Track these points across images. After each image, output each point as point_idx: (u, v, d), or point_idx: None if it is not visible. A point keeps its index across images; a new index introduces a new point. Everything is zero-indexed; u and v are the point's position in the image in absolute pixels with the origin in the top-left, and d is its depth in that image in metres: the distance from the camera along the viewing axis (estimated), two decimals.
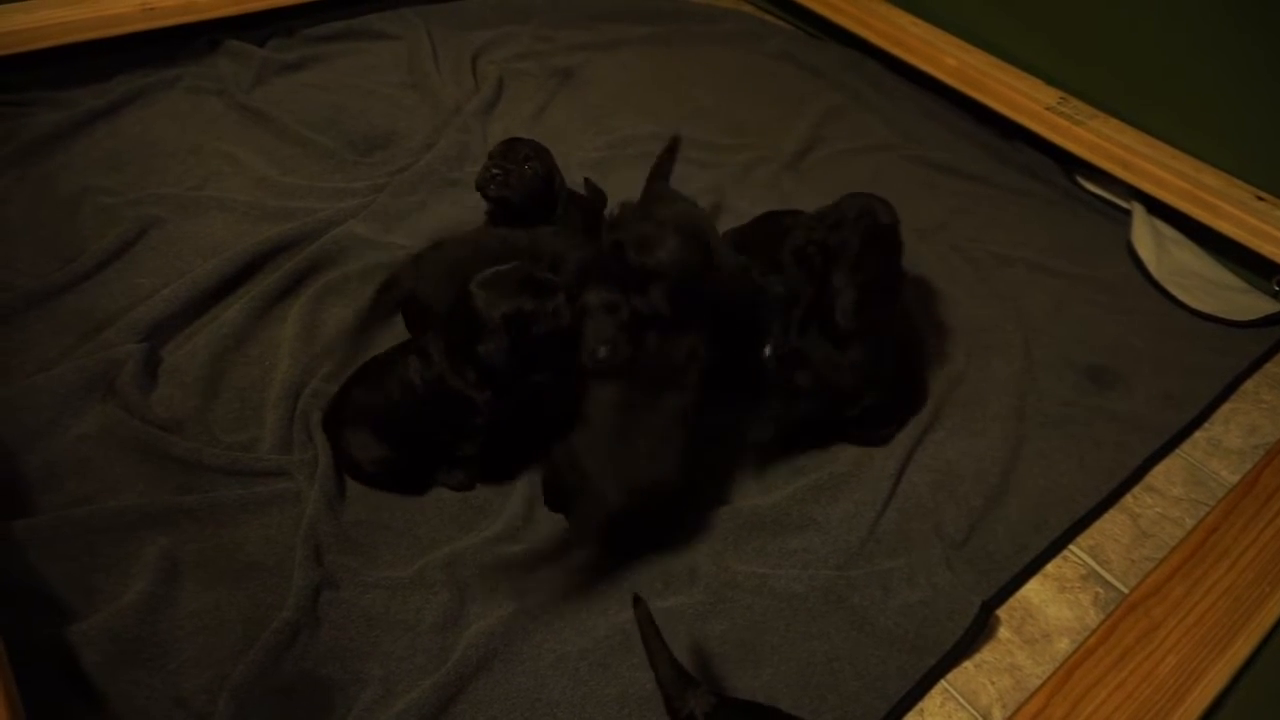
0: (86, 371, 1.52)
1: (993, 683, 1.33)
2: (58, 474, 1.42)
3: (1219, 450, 1.70)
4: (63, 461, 1.43)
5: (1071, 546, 1.51)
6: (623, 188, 2.05)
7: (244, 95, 2.20)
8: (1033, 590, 1.44)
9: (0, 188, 1.87)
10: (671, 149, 1.78)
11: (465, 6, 2.62)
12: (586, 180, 2.02)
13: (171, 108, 2.16)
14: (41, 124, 2.01)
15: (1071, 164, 2.29)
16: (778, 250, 1.56)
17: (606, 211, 1.83)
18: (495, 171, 1.62)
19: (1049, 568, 1.47)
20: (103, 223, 1.82)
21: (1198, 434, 1.72)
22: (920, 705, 1.29)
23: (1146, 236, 2.10)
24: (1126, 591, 1.44)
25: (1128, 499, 1.59)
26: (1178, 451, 1.69)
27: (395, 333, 1.68)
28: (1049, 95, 2.26)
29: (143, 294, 1.68)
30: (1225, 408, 1.78)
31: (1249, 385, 1.83)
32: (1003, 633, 1.39)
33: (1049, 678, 1.32)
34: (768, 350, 1.49)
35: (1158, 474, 1.64)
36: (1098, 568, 1.49)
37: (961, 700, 1.30)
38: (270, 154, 2.06)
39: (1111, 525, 1.55)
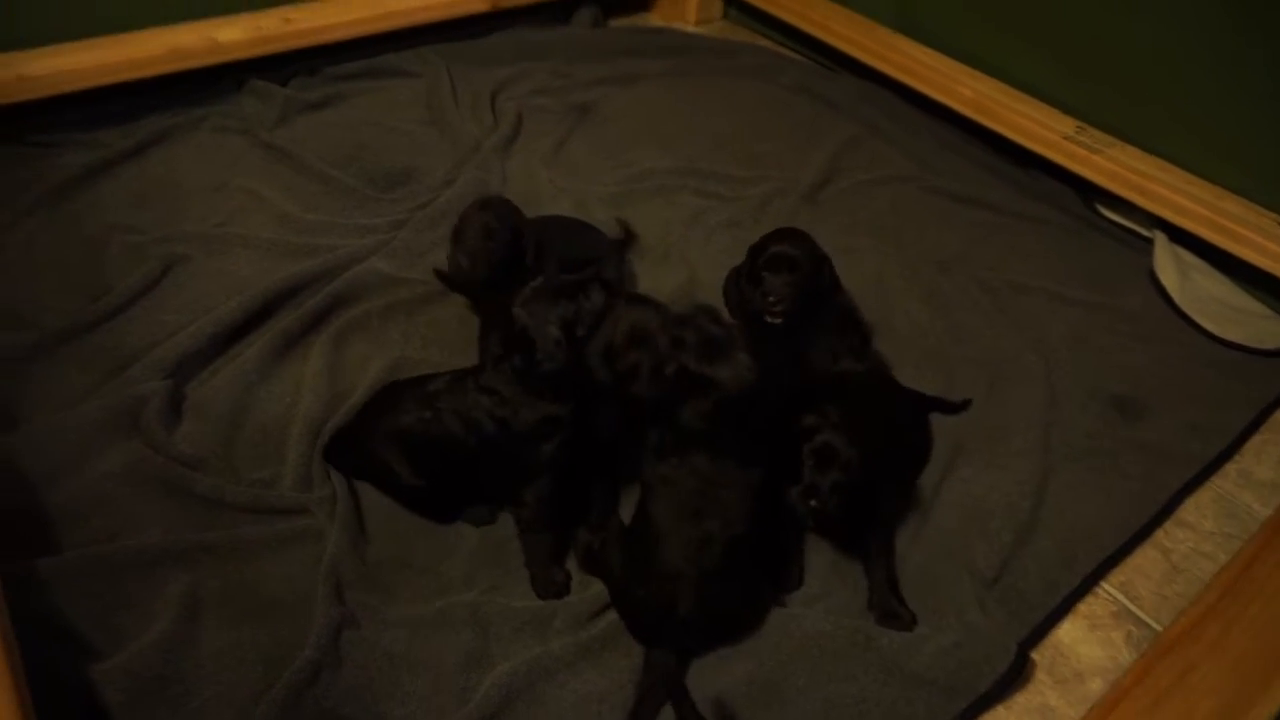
0: (111, 408, 1.54)
1: None
2: (82, 510, 1.42)
3: (1250, 482, 1.67)
4: (87, 498, 1.44)
5: (1102, 583, 1.48)
6: (641, 221, 2.07)
7: (267, 133, 2.23)
8: (1064, 628, 1.42)
9: (30, 227, 1.91)
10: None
11: (484, 44, 2.66)
12: (619, 220, 2.02)
13: (197, 147, 2.20)
14: (70, 164, 2.05)
15: (1090, 192, 2.29)
16: None
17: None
18: (462, 260, 1.63)
19: (1080, 605, 1.44)
20: (129, 261, 1.85)
21: (1228, 466, 1.69)
22: None
23: (1169, 264, 2.08)
24: (1160, 629, 1.41)
25: (1159, 533, 1.57)
26: (1208, 484, 1.66)
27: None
28: (1065, 124, 2.26)
29: (168, 331, 1.70)
30: (1255, 438, 1.75)
31: (1279, 415, 1.80)
32: (1033, 672, 1.36)
33: None
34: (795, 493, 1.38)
35: (1188, 507, 1.62)
36: (1129, 605, 1.46)
37: None
38: (293, 191, 2.09)
39: (1143, 561, 1.52)
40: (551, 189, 2.15)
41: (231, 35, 2.25)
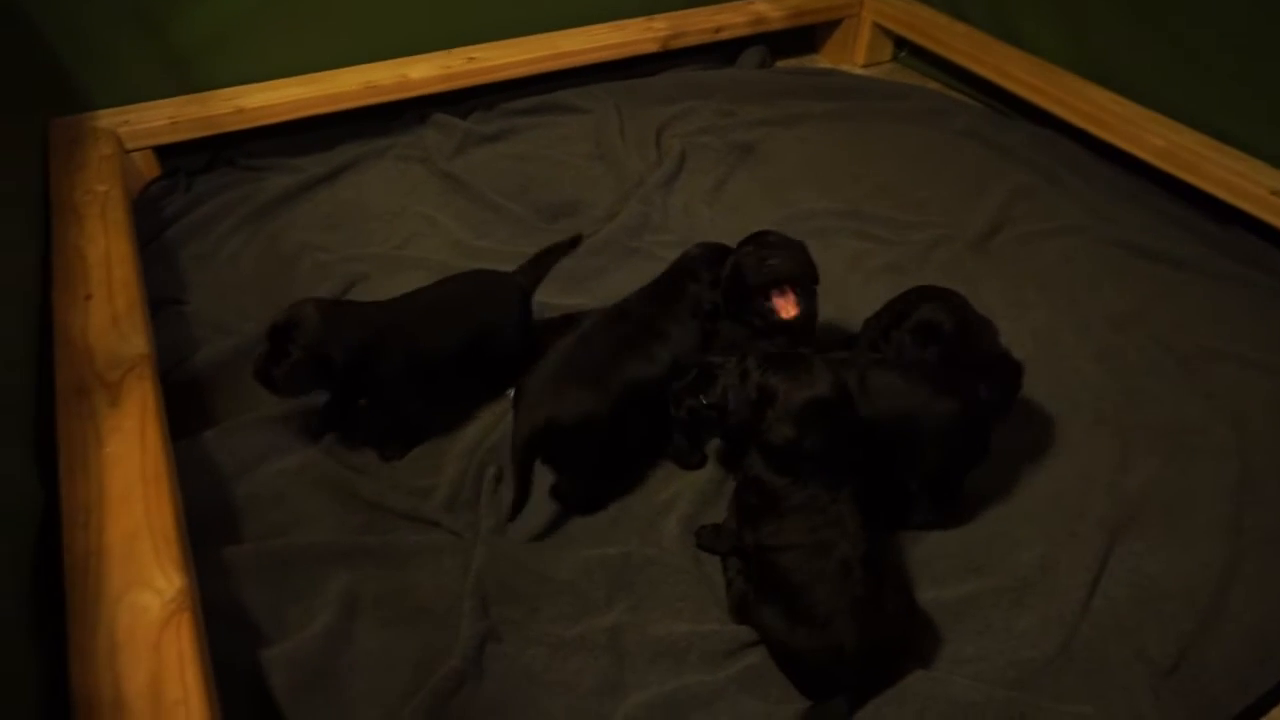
0: (291, 412, 1.66)
1: None
2: (262, 505, 1.54)
3: None
4: (266, 494, 1.56)
5: None
6: None
7: (445, 163, 2.37)
8: None
9: (237, 243, 2.10)
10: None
11: (652, 83, 2.73)
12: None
13: (382, 174, 2.36)
14: (274, 187, 2.26)
15: None
16: None
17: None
18: (267, 387, 1.51)
19: (1275, 710, 1.29)
20: (317, 277, 2.00)
21: None
22: None
23: None
24: None
25: None
26: None
27: None
28: (1273, 178, 2.07)
29: None
30: None
31: None
32: None
33: None
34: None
35: None
36: None
37: None
38: (465, 218, 2.21)
39: None
40: (711, 226, 2.17)
41: (421, 73, 2.42)
